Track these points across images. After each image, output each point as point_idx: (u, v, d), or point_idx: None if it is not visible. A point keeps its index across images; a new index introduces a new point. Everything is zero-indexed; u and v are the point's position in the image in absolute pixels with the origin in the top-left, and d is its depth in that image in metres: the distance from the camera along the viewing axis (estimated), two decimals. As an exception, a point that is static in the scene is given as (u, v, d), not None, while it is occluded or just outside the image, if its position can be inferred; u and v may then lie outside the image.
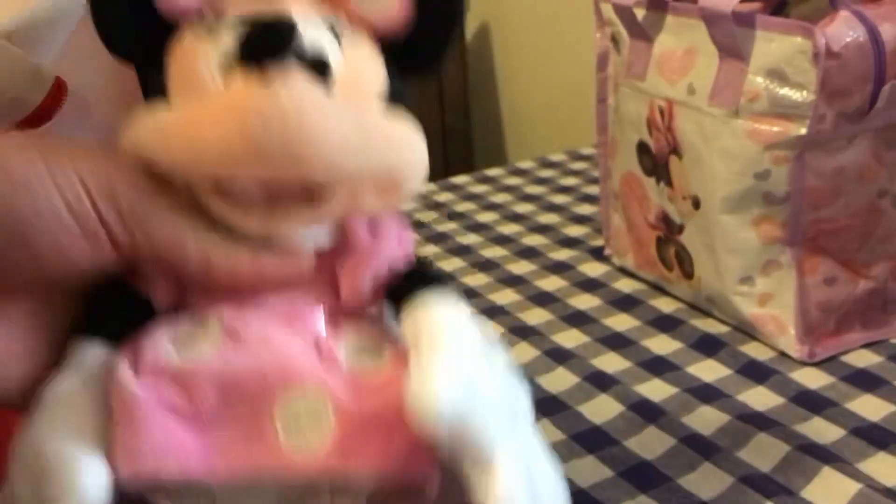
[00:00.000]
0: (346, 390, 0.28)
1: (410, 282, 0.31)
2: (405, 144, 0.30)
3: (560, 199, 0.95)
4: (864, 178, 0.57)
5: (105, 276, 0.29)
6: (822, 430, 0.51)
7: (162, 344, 0.29)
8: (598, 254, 0.78)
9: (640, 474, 0.49)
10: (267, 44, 0.28)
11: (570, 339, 0.64)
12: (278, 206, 0.29)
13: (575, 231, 0.85)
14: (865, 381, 0.56)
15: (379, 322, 0.32)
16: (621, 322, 0.66)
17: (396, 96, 0.31)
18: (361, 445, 0.28)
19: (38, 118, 0.38)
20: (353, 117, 0.28)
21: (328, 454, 0.28)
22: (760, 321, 0.60)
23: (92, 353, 0.29)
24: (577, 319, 0.67)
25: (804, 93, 0.53)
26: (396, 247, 0.32)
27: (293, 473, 0.28)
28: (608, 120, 0.73)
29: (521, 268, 0.78)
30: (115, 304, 0.30)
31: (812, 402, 0.54)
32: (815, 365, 0.58)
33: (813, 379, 0.57)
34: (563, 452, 0.51)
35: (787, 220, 0.57)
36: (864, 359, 0.59)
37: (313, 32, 0.29)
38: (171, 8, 0.29)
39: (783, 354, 0.60)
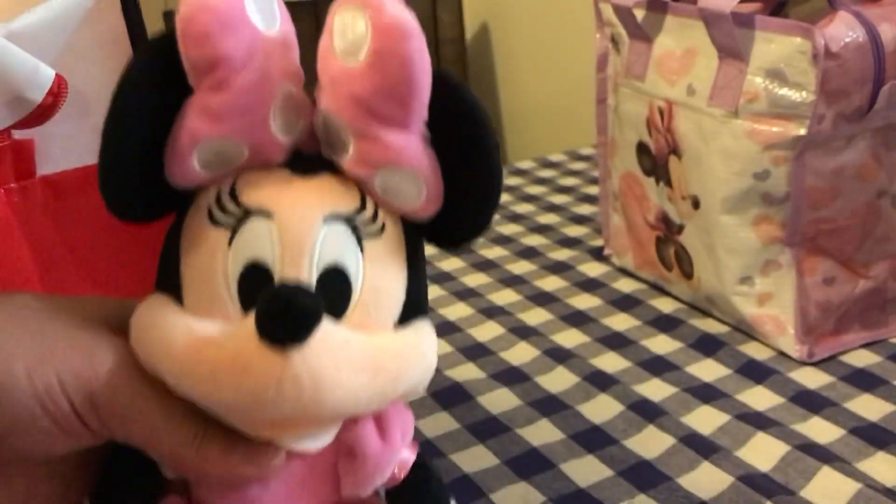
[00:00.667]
0: None
1: (410, 491, 0.33)
2: (415, 364, 0.30)
3: (560, 199, 0.95)
4: (863, 179, 0.57)
5: (114, 447, 0.30)
6: (821, 430, 0.52)
7: None
8: (597, 254, 0.79)
9: (640, 474, 0.49)
10: (287, 330, 0.27)
11: (569, 339, 0.64)
12: (285, 426, 0.29)
13: (575, 231, 0.85)
14: (864, 380, 0.56)
15: None
16: (621, 322, 0.67)
17: (417, 298, 0.31)
18: None
19: (37, 117, 0.38)
20: (366, 362, 0.28)
21: None
22: (760, 321, 0.61)
23: None
24: (577, 319, 0.67)
25: (803, 93, 0.53)
26: (401, 445, 0.33)
27: None
28: (608, 120, 0.73)
29: (521, 268, 0.78)
30: (125, 471, 0.31)
31: (811, 402, 0.54)
32: (815, 365, 0.59)
33: (812, 379, 0.57)
34: (562, 452, 0.51)
35: (786, 220, 0.57)
36: (863, 359, 0.59)
37: (336, 244, 0.29)
38: (184, 182, 0.29)
39: (782, 354, 0.60)
